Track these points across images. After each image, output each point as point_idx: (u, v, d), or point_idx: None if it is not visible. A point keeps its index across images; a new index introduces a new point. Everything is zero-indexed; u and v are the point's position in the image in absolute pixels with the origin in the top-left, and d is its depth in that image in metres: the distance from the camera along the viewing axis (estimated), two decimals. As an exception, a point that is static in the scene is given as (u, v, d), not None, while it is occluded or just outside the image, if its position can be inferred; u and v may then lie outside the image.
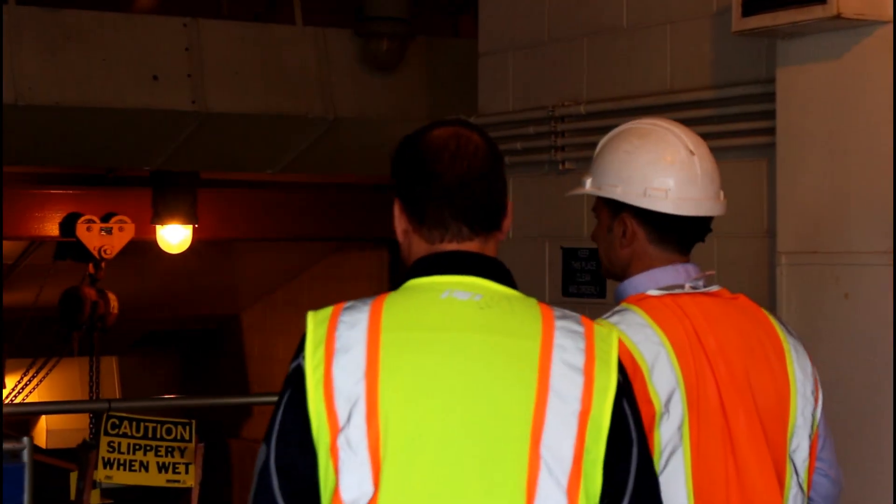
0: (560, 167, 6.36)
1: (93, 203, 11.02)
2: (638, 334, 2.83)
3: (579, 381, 2.36)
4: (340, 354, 2.35)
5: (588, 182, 3.08)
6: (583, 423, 2.34)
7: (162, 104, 8.16)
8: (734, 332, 2.91)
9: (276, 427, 2.37)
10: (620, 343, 2.69)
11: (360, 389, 2.32)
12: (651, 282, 2.96)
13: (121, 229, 11.04)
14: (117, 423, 5.83)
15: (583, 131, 6.26)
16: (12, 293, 12.58)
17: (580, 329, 2.44)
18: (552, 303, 6.22)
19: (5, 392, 13.05)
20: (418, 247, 2.53)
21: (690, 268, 3.00)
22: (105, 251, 11.01)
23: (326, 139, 8.74)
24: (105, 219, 11.01)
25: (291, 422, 2.35)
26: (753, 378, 2.88)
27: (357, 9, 8.64)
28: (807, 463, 2.95)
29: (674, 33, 5.86)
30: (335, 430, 2.31)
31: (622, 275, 3.04)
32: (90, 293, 11.33)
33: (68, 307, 11.44)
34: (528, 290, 6.46)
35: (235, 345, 14.88)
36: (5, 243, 11.64)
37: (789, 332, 3.01)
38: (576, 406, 2.35)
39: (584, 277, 6.22)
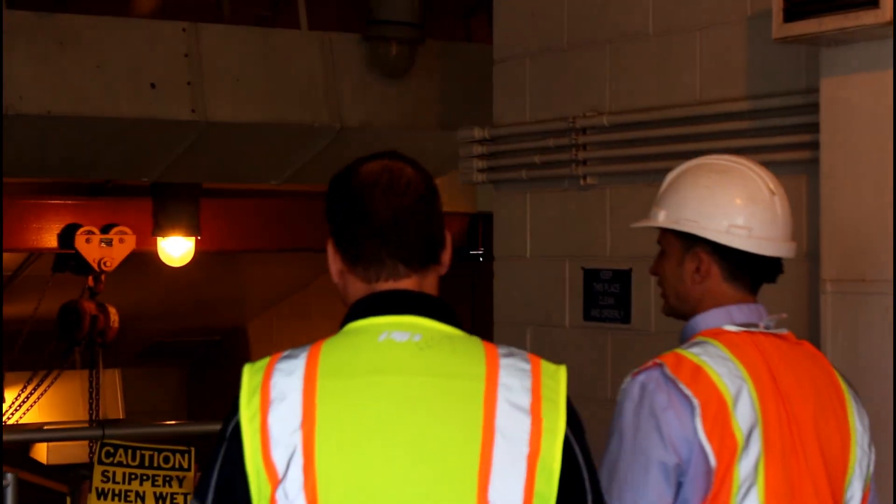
0: (581, 182, 6.06)
1: (92, 213, 10.78)
2: (721, 367, 2.85)
3: (526, 421, 2.31)
4: (276, 404, 2.30)
5: (662, 215, 3.05)
6: (532, 466, 2.29)
7: (160, 113, 7.90)
8: (806, 377, 2.94)
9: (213, 482, 2.32)
10: (705, 375, 2.80)
11: (297, 440, 2.27)
12: (726, 317, 2.97)
13: (121, 241, 10.78)
14: (112, 451, 5.74)
15: (606, 144, 5.96)
16: (11, 305, 12.46)
17: (527, 367, 2.37)
18: (572, 327, 5.95)
19: (4, 407, 12.84)
20: (355, 287, 2.48)
21: (762, 308, 3.01)
22: (105, 263, 10.75)
23: (333, 149, 8.47)
24: (105, 230, 10.75)
25: (229, 478, 2.30)
26: (821, 424, 2.90)
27: (365, 12, 8.41)
28: None
29: (704, 39, 5.53)
30: (275, 483, 2.27)
31: (690, 312, 3.03)
32: (89, 307, 11.05)
33: (67, 322, 11.16)
34: (546, 313, 6.21)
35: (242, 356, 14.72)
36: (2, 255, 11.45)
37: (849, 384, 3.03)
38: (524, 448, 2.30)
39: (607, 300, 5.92)
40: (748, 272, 3.00)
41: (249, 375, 2.35)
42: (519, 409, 2.31)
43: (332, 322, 2.42)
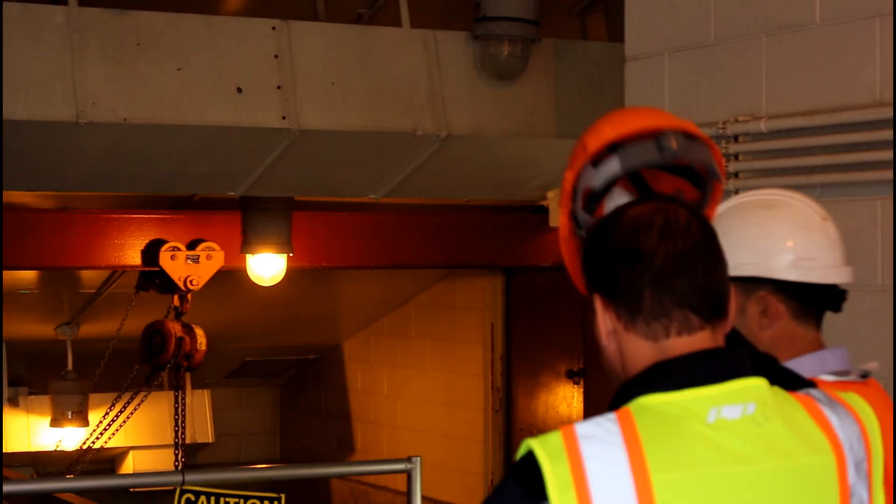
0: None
1: (177, 228, 10.22)
2: None
3: (864, 487, 2.20)
4: (601, 501, 2.05)
5: None
6: None
7: (247, 120, 7.46)
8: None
9: None
10: None
11: None
12: (821, 365, 2.81)
13: (209, 257, 10.16)
14: (193, 498, 5.47)
15: (763, 154, 5.39)
16: (94, 324, 12.12)
17: (849, 414, 2.23)
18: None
19: (90, 430, 12.42)
20: (635, 348, 2.20)
21: (844, 352, 2.87)
22: (191, 282, 10.13)
23: (438, 159, 8.06)
24: (191, 246, 10.14)
25: None
26: None
27: (473, 7, 7.97)
28: None
29: (885, 29, 4.86)
30: None
31: None
32: (175, 328, 10.44)
33: (151, 344, 10.56)
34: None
35: (337, 376, 14.42)
36: (86, 271, 11.00)
37: None
38: None
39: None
40: (815, 306, 2.88)
41: (549, 460, 2.06)
42: (862, 471, 2.21)
43: (431, 342, 1.81)
